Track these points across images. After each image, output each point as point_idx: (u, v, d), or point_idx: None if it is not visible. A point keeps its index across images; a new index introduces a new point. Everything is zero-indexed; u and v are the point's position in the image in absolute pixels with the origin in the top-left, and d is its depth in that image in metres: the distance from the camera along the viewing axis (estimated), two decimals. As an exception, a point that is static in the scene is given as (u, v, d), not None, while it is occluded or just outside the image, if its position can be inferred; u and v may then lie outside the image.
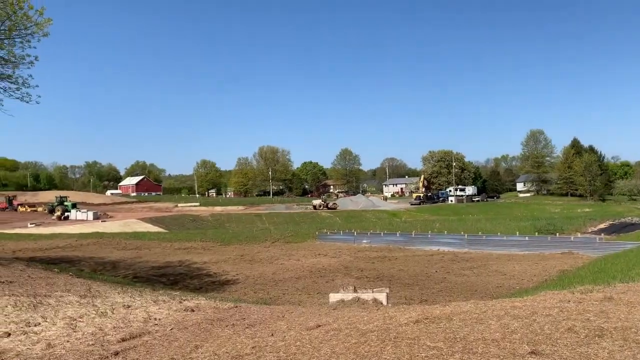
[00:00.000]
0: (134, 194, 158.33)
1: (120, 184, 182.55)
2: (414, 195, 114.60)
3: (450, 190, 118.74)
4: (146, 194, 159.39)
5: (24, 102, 16.21)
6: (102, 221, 66.14)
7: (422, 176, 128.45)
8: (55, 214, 73.55)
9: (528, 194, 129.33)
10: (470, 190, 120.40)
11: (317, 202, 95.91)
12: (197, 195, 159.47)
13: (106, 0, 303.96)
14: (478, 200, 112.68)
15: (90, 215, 71.23)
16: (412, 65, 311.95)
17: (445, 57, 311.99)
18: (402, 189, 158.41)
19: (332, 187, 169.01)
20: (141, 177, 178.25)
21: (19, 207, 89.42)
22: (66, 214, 73.36)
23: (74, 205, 77.89)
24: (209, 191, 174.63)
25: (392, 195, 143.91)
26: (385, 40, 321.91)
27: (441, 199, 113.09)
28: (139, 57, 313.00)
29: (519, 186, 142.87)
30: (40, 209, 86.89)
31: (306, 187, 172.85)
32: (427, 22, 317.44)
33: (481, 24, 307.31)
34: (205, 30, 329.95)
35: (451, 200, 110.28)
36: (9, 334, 6.71)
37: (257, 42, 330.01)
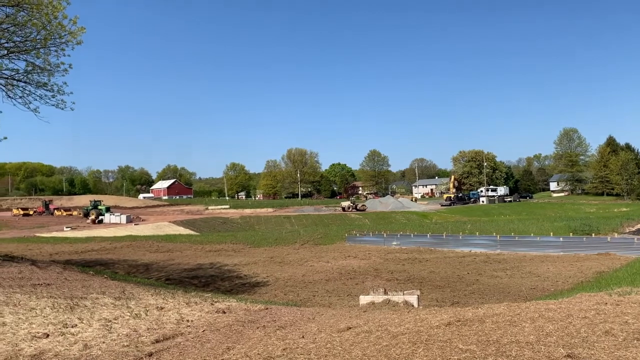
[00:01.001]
0: (166, 197, 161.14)
1: (152, 187, 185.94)
2: (445, 196, 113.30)
3: (481, 191, 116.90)
4: (177, 197, 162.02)
5: (59, 109, 16.66)
6: (135, 224, 67.35)
7: (453, 177, 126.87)
8: (90, 218, 75.24)
9: (562, 194, 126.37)
10: (502, 190, 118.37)
11: (345, 203, 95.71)
12: (227, 198, 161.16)
13: (132, 2, 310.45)
14: (510, 201, 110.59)
15: (124, 218, 72.64)
16: (440, 65, 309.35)
17: (474, 56, 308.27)
18: (432, 190, 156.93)
19: (360, 188, 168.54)
20: (172, 181, 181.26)
21: (55, 211, 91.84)
22: (100, 217, 74.97)
23: (108, 209, 79.58)
24: (239, 194, 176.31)
25: (422, 197, 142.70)
26: (413, 40, 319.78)
27: (472, 199, 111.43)
28: (169, 62, 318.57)
29: (553, 186, 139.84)
30: (75, 212, 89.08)
31: (335, 188, 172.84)
32: (455, 20, 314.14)
33: (511, 20, 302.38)
34: (234, 33, 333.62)
35: (483, 201, 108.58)
36: (48, 335, 6.89)
37: (286, 44, 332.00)
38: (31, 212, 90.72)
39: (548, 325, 5.32)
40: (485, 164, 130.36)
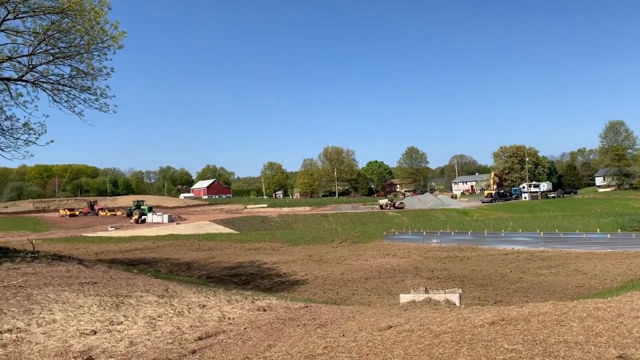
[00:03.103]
0: (206, 196, 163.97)
1: (192, 187, 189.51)
2: (485, 192, 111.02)
3: (523, 187, 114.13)
4: (217, 196, 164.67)
5: (102, 112, 17.15)
6: (176, 224, 68.76)
7: (493, 173, 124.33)
8: (133, 218, 77.23)
9: (608, 189, 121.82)
10: (545, 186, 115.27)
11: (383, 201, 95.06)
12: (265, 197, 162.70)
13: (169, 4, 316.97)
14: (554, 197, 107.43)
15: (166, 218, 74.27)
16: (479, 58, 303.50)
17: (515, 48, 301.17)
18: (472, 186, 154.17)
19: (398, 186, 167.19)
20: (212, 181, 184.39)
21: (100, 211, 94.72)
22: (143, 217, 76.85)
23: (150, 209, 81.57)
24: (276, 192, 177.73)
25: (462, 193, 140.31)
26: (451, 34, 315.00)
27: (514, 195, 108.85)
28: (208, 62, 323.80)
29: (598, 181, 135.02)
30: (119, 213, 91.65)
31: (372, 186, 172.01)
32: (497, 13, 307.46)
33: (552, 12, 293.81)
34: (271, 32, 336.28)
35: (525, 197, 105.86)
36: (95, 332, 7.09)
37: (322, 44, 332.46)
38: (77, 213, 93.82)
39: (597, 325, 5.13)
40: (527, 159, 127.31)
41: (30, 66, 15.57)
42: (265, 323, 8.07)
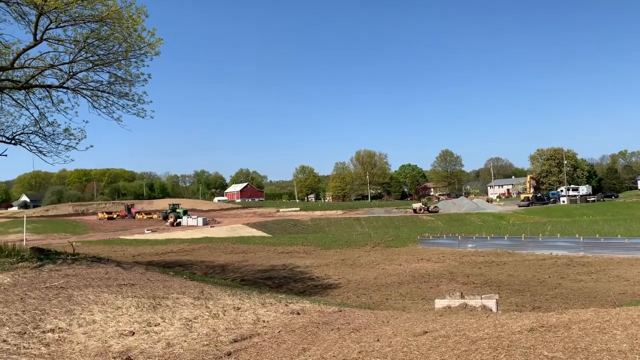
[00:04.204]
0: (239, 200, 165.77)
1: (226, 191, 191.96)
2: (522, 196, 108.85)
3: (561, 190, 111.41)
4: (249, 199, 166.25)
5: (140, 117, 17.51)
6: (210, 226, 69.71)
7: (529, 176, 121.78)
8: (169, 221, 78.63)
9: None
10: (584, 189, 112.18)
11: (417, 205, 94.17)
12: (297, 200, 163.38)
13: (204, 8, 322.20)
14: (593, 200, 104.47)
15: (200, 221, 75.30)
16: (514, 56, 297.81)
17: (552, 46, 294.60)
18: (508, 190, 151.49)
19: (432, 189, 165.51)
20: (245, 184, 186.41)
21: (137, 214, 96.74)
22: (178, 220, 78.16)
23: (185, 212, 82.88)
24: (308, 196, 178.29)
25: (498, 197, 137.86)
26: (487, 32, 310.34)
27: (552, 199, 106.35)
28: (238, 66, 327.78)
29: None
30: (155, 216, 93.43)
31: (405, 190, 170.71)
32: (534, 11, 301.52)
33: (590, 7, 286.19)
34: (306, 35, 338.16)
35: (563, 201, 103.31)
36: (133, 333, 7.23)
37: (353, 47, 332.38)
38: (115, 216, 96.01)
39: (643, 333, 4.93)
40: (566, 162, 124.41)
41: (71, 73, 16.00)
42: (299, 326, 8.07)
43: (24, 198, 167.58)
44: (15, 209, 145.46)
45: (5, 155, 17.81)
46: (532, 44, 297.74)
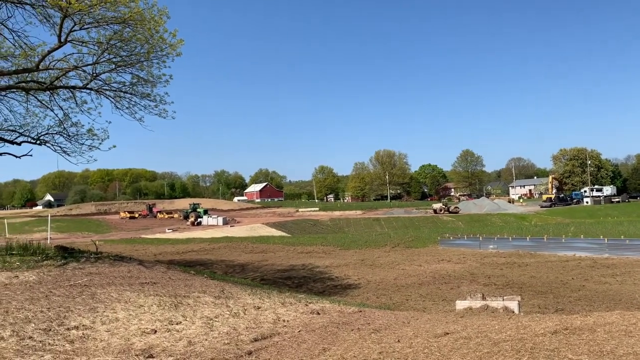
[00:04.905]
0: (258, 200, 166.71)
1: (245, 190, 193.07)
2: (544, 197, 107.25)
3: (585, 191, 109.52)
4: (269, 199, 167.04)
5: (161, 117, 17.71)
6: (230, 226, 70.18)
7: (551, 177, 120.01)
8: (190, 220, 79.42)
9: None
10: (608, 190, 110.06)
11: (437, 205, 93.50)
12: (316, 201, 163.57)
13: (219, 6, 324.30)
14: (618, 201, 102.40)
15: (220, 220, 75.91)
16: (535, 54, 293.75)
17: (574, 42, 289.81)
18: (530, 190, 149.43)
19: (452, 190, 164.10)
20: (264, 184, 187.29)
21: (158, 214, 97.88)
22: (199, 219, 78.86)
23: (206, 212, 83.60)
24: (327, 196, 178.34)
25: (520, 198, 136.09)
26: (506, 31, 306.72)
27: (575, 200, 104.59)
28: (259, 66, 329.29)
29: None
30: (176, 215, 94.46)
31: (425, 190, 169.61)
32: (555, 6, 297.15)
33: (612, 2, 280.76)
34: (323, 32, 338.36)
35: (587, 202, 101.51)
36: (155, 331, 7.29)
37: (369, 46, 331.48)
38: (136, 215, 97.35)
39: (671, 337, 4.80)
40: (589, 162, 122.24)
41: (94, 74, 16.24)
42: (319, 326, 8.05)
43: (48, 197, 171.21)
44: (39, 208, 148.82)
45: (31, 155, 18.19)
46: (552, 40, 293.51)
